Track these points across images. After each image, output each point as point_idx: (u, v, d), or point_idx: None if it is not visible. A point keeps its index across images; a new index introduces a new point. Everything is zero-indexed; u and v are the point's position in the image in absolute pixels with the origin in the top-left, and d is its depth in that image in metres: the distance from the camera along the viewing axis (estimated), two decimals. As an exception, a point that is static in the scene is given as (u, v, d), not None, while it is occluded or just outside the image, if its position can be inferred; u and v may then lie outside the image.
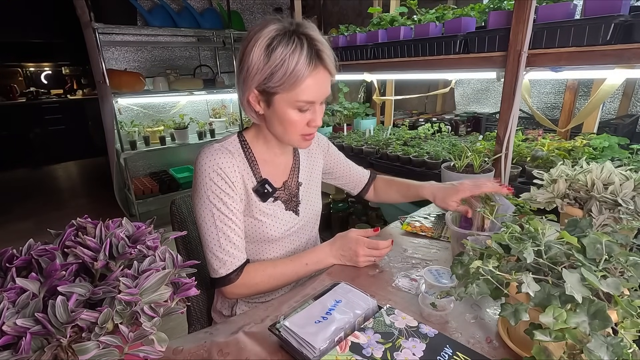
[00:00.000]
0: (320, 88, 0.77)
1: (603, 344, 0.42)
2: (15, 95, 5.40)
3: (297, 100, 0.75)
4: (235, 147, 0.87)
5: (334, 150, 1.10)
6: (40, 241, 0.51)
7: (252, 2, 3.66)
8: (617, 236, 0.55)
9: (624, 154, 1.20)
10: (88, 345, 0.41)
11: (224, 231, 0.80)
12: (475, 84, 2.66)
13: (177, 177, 3.25)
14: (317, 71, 0.75)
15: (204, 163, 0.81)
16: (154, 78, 3.00)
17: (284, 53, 0.71)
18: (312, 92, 0.76)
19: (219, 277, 0.80)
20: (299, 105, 0.76)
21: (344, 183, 1.14)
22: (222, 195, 0.80)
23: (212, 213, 0.80)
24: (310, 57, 0.73)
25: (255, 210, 0.87)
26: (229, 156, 0.82)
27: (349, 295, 0.70)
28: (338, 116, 2.54)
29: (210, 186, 0.80)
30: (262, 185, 0.87)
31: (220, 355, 0.63)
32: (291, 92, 0.74)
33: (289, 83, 0.73)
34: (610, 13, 0.95)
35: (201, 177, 0.81)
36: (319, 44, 0.74)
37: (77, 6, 2.65)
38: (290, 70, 0.71)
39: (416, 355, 0.57)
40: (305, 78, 0.73)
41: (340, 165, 1.11)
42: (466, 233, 0.80)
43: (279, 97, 0.76)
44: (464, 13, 1.41)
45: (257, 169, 0.88)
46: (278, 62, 0.71)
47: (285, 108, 0.77)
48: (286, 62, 0.71)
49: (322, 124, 2.45)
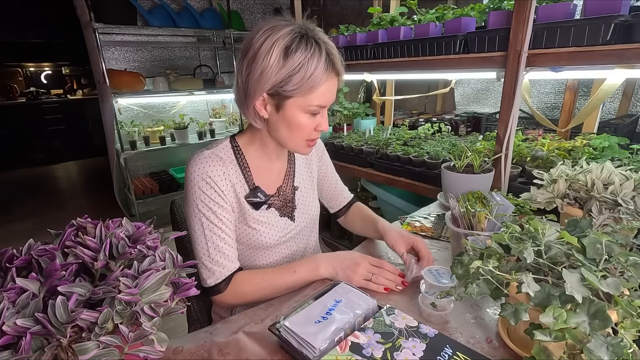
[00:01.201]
0: (333, 93, 0.78)
1: (603, 344, 0.42)
2: (15, 95, 5.41)
3: (311, 104, 0.75)
4: (227, 154, 0.84)
5: (327, 159, 1.07)
6: (40, 241, 0.52)
7: (252, 2, 3.66)
8: (617, 236, 0.55)
9: (624, 154, 1.20)
10: (88, 345, 0.41)
11: (213, 240, 0.79)
12: (475, 84, 2.66)
13: (177, 177, 3.25)
14: (331, 77, 0.75)
15: (193, 171, 0.79)
16: (154, 78, 3.00)
17: (304, 57, 0.70)
18: (326, 97, 0.76)
19: (207, 287, 0.80)
20: (311, 110, 0.76)
21: (326, 197, 1.09)
22: (211, 204, 0.79)
23: (202, 222, 0.79)
24: (327, 62, 0.73)
25: (248, 218, 0.85)
26: (219, 164, 0.80)
27: (349, 295, 0.70)
28: (338, 116, 2.53)
29: (199, 195, 0.79)
30: (254, 193, 0.85)
31: (220, 355, 0.63)
32: (306, 96, 0.74)
33: (306, 87, 0.72)
34: (610, 13, 0.95)
35: (190, 186, 0.79)
36: (331, 48, 0.75)
37: (77, 6, 2.65)
38: (309, 74, 0.71)
39: (416, 355, 0.57)
40: (322, 83, 0.73)
41: (329, 176, 1.07)
42: (466, 233, 0.80)
43: (292, 100, 0.74)
44: (464, 13, 1.41)
45: (249, 176, 0.86)
46: (297, 65, 0.70)
47: (296, 112, 0.76)
48: (304, 66, 0.70)
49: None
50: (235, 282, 0.80)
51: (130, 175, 2.99)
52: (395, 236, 0.89)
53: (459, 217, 0.86)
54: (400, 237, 0.89)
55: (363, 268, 0.80)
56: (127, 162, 2.89)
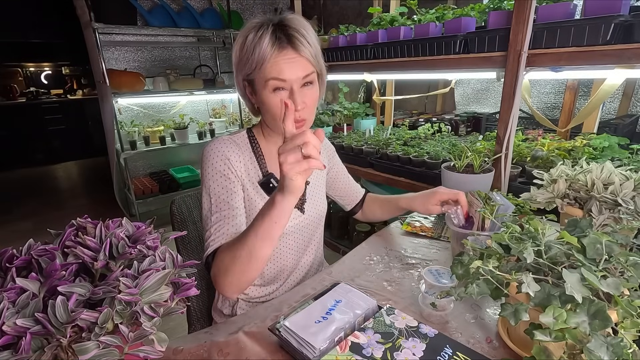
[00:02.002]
0: (291, 68, 0.76)
1: (603, 344, 0.42)
2: (15, 95, 5.40)
3: (267, 78, 0.76)
4: (243, 142, 0.90)
5: (338, 161, 1.12)
6: (40, 241, 0.51)
7: (252, 2, 3.66)
8: (617, 236, 0.55)
9: (624, 154, 1.20)
10: (88, 345, 0.41)
11: (217, 216, 0.80)
12: (475, 84, 2.66)
13: (177, 177, 3.25)
14: (286, 52, 0.76)
15: (211, 150, 0.84)
16: (154, 78, 3.00)
17: (253, 39, 0.76)
18: (278, 69, 0.76)
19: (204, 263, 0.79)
20: (270, 85, 0.77)
21: (341, 196, 1.14)
22: (222, 179, 0.83)
23: (210, 197, 0.82)
24: (273, 37, 0.75)
25: (260, 203, 0.87)
26: (235, 148, 0.86)
27: (349, 295, 0.70)
28: (338, 116, 2.54)
29: (213, 168, 0.83)
30: (268, 179, 0.89)
31: (220, 355, 0.63)
32: (262, 73, 0.77)
33: (259, 65, 0.76)
34: (610, 13, 0.95)
35: (206, 164, 0.84)
36: (292, 29, 0.76)
37: (77, 6, 2.65)
38: (257, 52, 0.75)
39: (416, 355, 0.57)
40: (272, 57, 0.75)
41: (341, 176, 1.12)
42: (466, 233, 0.80)
43: (256, 81, 0.79)
44: (464, 13, 1.41)
45: (263, 163, 0.90)
46: (248, 47, 0.76)
47: (262, 91, 0.79)
48: (254, 47, 0.76)
49: (322, 124, 2.46)
50: (217, 257, 0.76)
51: (130, 175, 2.98)
52: (421, 203, 0.99)
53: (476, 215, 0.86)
54: (427, 201, 0.97)
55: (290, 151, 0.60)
56: (127, 162, 2.89)
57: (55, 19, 4.88)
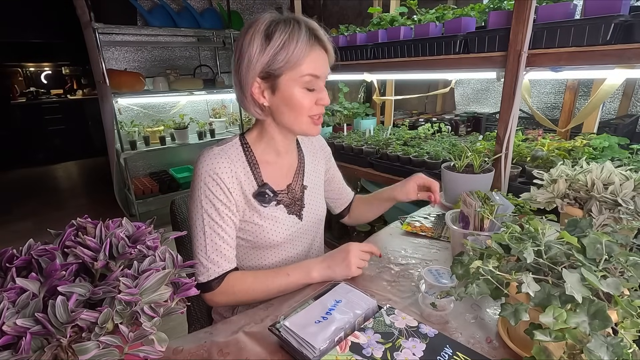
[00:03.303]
0: (323, 64, 0.79)
1: (603, 344, 0.42)
2: (15, 95, 5.40)
3: (302, 75, 0.76)
4: (236, 151, 0.85)
5: (333, 161, 1.10)
6: (40, 241, 0.51)
7: (252, 2, 3.66)
8: (617, 236, 0.55)
9: (624, 154, 1.20)
10: (88, 345, 0.41)
11: (212, 238, 0.79)
12: (475, 84, 2.66)
13: (177, 177, 3.25)
14: (317, 49, 0.78)
15: (201, 167, 0.80)
16: (154, 78, 3.00)
17: (284, 34, 0.74)
18: (316, 66, 0.77)
19: (198, 284, 0.79)
20: (305, 81, 0.77)
21: (333, 199, 1.12)
22: (215, 201, 0.80)
23: (203, 219, 0.79)
24: (309, 35, 0.76)
25: (256, 214, 0.86)
26: (227, 161, 0.82)
27: (349, 295, 0.70)
28: (338, 116, 2.53)
29: (204, 190, 0.79)
30: (263, 189, 0.86)
31: (220, 355, 0.63)
32: (296, 69, 0.76)
33: (293, 60, 0.75)
34: (610, 13, 0.95)
35: (197, 181, 0.80)
36: (312, 24, 0.78)
37: (77, 6, 2.65)
38: (292, 48, 0.74)
39: (416, 355, 0.57)
40: (308, 54, 0.76)
41: (336, 179, 1.10)
42: (466, 233, 0.80)
43: (284, 77, 0.77)
44: (464, 13, 1.41)
45: (258, 173, 0.87)
46: (279, 43, 0.74)
47: (292, 88, 0.77)
48: (287, 43, 0.74)
49: (322, 124, 2.46)
50: (227, 281, 0.80)
51: (130, 175, 2.98)
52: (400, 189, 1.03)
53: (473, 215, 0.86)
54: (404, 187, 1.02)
55: (354, 255, 0.83)
56: (127, 162, 2.89)
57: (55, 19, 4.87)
